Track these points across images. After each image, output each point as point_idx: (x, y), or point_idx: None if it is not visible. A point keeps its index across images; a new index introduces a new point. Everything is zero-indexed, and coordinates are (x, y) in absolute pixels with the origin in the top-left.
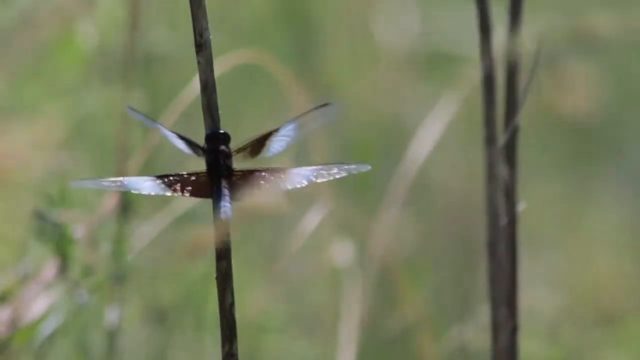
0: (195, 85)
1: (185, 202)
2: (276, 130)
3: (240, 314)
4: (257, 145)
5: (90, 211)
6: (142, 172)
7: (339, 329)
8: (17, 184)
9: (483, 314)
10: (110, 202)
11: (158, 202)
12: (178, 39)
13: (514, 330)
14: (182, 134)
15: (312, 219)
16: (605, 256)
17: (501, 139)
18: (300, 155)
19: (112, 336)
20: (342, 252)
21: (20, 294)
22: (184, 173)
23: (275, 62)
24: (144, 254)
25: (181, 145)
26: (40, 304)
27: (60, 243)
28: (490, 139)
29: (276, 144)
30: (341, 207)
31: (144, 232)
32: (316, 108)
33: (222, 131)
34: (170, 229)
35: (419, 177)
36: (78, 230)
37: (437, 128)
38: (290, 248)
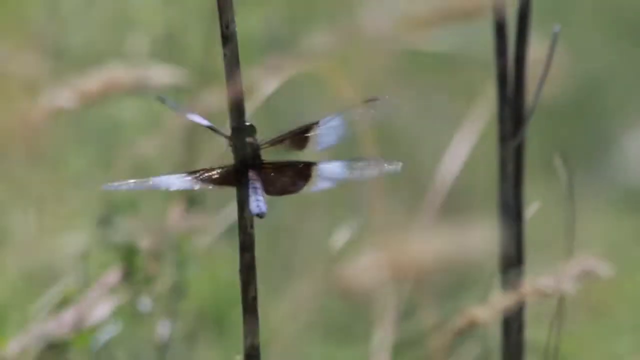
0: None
1: None
2: (316, 123)
3: (273, 320)
4: (298, 138)
5: (157, 218)
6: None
7: (372, 338)
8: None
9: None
10: (176, 210)
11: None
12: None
13: (520, 328)
14: (212, 124)
15: (345, 232)
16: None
17: (513, 138)
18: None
19: (163, 348)
20: (371, 262)
21: (83, 298)
22: (213, 167)
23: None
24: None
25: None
26: (102, 309)
27: (124, 250)
28: (503, 138)
29: (327, 138)
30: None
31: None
32: (366, 102)
33: (247, 123)
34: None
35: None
36: (143, 238)
37: (466, 147)
38: (322, 260)
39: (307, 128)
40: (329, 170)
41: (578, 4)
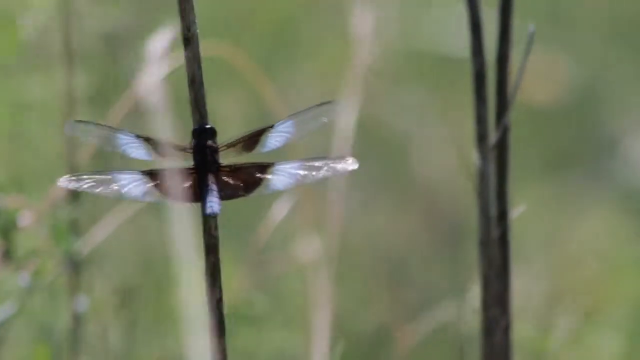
0: (149, 76)
1: None
2: (271, 127)
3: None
4: (250, 140)
5: (41, 197)
6: (94, 160)
7: (313, 321)
8: None
9: (451, 304)
10: (59, 189)
11: None
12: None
13: (506, 329)
14: (147, 135)
15: (280, 209)
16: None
17: (492, 137)
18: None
19: (75, 323)
20: (310, 245)
21: None
22: (171, 168)
23: (243, 56)
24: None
25: (140, 153)
26: None
27: (3, 227)
28: (481, 137)
29: (273, 140)
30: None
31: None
32: (316, 106)
33: (208, 126)
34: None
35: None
36: (26, 216)
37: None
38: (260, 238)
39: (262, 131)
40: (285, 170)
41: (577, 6)
